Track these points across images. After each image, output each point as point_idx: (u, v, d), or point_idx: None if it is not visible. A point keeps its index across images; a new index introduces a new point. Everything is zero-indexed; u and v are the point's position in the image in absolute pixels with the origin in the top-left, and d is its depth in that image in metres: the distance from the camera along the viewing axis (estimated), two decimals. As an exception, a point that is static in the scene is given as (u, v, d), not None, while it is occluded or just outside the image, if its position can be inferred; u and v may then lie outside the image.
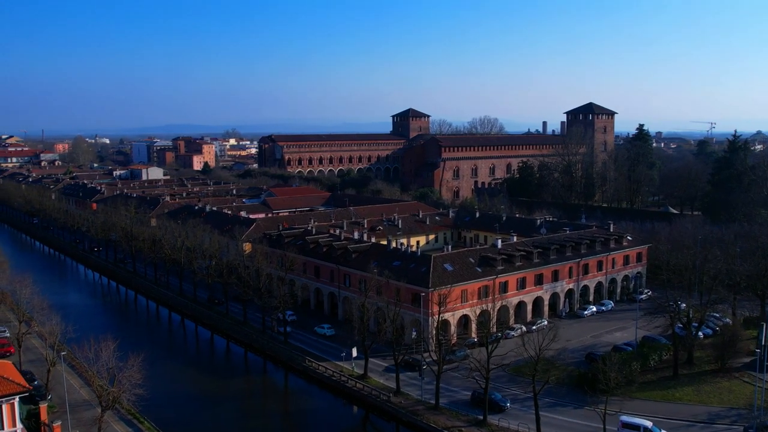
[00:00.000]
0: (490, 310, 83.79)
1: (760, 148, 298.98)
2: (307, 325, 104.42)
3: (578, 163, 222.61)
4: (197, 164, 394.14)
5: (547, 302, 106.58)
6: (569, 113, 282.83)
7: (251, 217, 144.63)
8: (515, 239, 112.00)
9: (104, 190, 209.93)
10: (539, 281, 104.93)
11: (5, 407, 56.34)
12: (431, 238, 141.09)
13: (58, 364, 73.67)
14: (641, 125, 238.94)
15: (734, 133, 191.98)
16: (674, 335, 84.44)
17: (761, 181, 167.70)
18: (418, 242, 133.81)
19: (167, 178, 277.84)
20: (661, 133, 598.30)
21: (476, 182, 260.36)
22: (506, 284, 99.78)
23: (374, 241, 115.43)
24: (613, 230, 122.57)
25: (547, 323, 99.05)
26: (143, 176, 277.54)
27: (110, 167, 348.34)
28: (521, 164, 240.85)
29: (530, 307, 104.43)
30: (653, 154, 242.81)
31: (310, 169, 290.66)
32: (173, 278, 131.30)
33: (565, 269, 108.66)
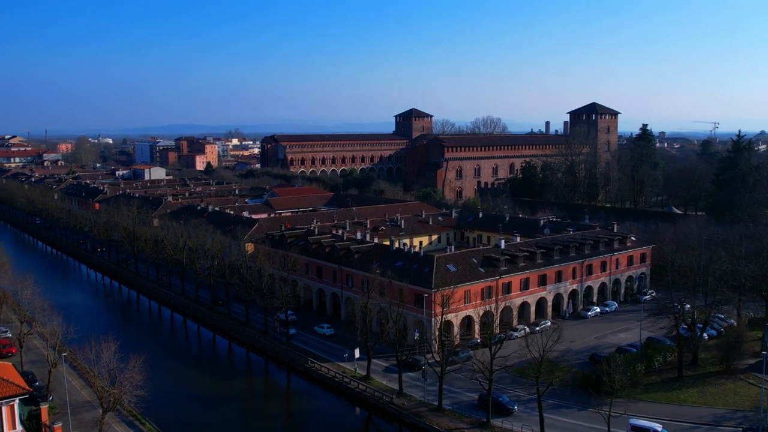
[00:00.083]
0: (493, 311, 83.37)
1: (764, 148, 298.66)
2: (307, 324, 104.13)
3: (581, 163, 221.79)
4: (200, 164, 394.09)
5: (550, 303, 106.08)
6: (572, 113, 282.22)
7: (254, 217, 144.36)
8: (518, 240, 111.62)
9: (107, 190, 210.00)
10: (543, 282, 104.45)
11: (5, 409, 56.09)
12: (434, 238, 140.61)
13: (59, 365, 73.51)
14: (645, 125, 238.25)
15: (738, 132, 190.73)
16: (679, 336, 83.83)
17: (766, 181, 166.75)
18: (420, 243, 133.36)
19: (170, 178, 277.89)
20: (664, 133, 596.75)
21: (479, 182, 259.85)
22: (509, 285, 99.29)
23: (377, 241, 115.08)
24: (616, 231, 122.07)
25: (550, 324, 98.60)
26: (146, 176, 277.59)
27: (113, 167, 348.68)
28: (524, 164, 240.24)
29: (533, 308, 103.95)
30: (657, 154, 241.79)
31: (312, 169, 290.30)
32: (175, 278, 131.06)
33: (568, 270, 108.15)
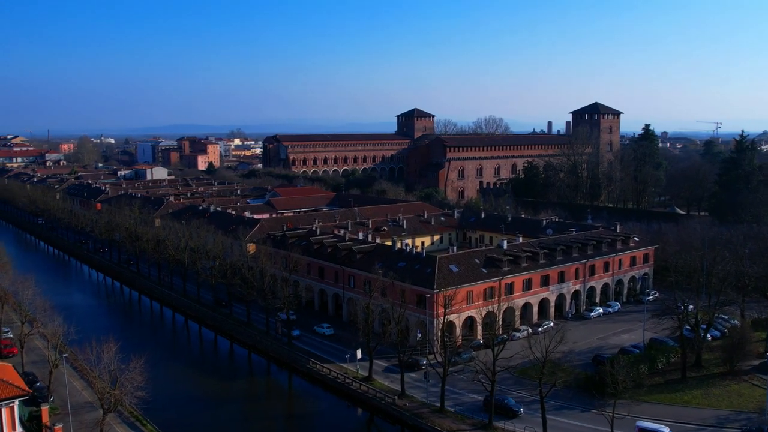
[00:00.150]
0: (495, 311, 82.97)
1: (767, 148, 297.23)
2: (308, 325, 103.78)
3: (584, 163, 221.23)
4: (202, 164, 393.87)
5: (553, 304, 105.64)
6: (574, 113, 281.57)
7: (255, 217, 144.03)
8: (521, 240, 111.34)
9: (108, 190, 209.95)
10: (545, 282, 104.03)
11: (4, 411, 55.81)
12: (436, 238, 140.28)
13: (60, 365, 73.32)
14: (647, 125, 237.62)
15: (741, 132, 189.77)
16: (682, 337, 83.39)
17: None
18: (423, 243, 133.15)
19: (172, 178, 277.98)
20: (666, 133, 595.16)
21: (481, 182, 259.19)
22: (512, 285, 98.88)
23: (379, 241, 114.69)
24: (619, 231, 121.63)
25: (553, 325, 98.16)
26: (148, 176, 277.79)
27: (115, 167, 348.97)
28: (526, 164, 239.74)
29: (536, 308, 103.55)
30: (659, 154, 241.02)
31: (314, 169, 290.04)
32: (177, 279, 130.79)
33: (571, 270, 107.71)
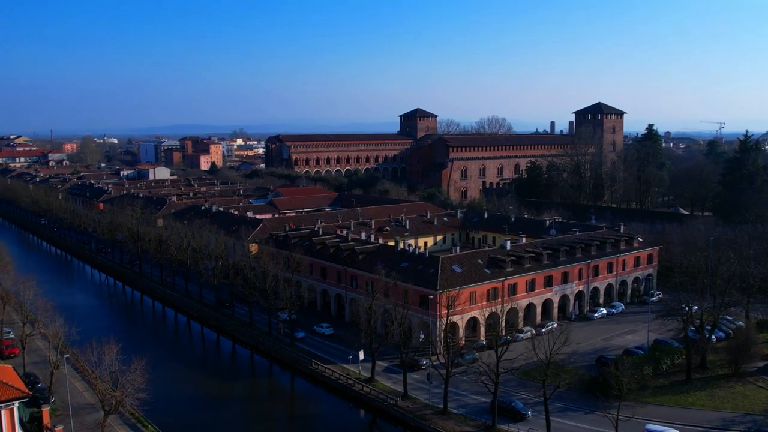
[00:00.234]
0: (498, 312, 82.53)
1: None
2: (309, 325, 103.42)
3: (587, 163, 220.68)
4: (204, 164, 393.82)
5: (556, 304, 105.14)
6: (578, 113, 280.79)
7: (258, 217, 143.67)
8: (524, 240, 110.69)
9: (111, 190, 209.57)
10: (549, 283, 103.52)
11: (4, 413, 55.45)
12: (439, 239, 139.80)
13: (61, 366, 72.89)
14: (650, 125, 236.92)
15: (745, 132, 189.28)
16: (687, 339, 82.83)
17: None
18: (425, 243, 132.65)
19: (174, 178, 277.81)
20: (669, 133, 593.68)
21: (484, 182, 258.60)
22: (515, 286, 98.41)
23: (381, 242, 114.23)
24: (623, 231, 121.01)
25: (556, 326, 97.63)
26: (150, 176, 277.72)
27: (117, 167, 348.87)
28: (530, 164, 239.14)
29: (539, 309, 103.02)
30: (663, 154, 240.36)
31: (317, 169, 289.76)
32: (179, 279, 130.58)
33: (574, 271, 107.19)
